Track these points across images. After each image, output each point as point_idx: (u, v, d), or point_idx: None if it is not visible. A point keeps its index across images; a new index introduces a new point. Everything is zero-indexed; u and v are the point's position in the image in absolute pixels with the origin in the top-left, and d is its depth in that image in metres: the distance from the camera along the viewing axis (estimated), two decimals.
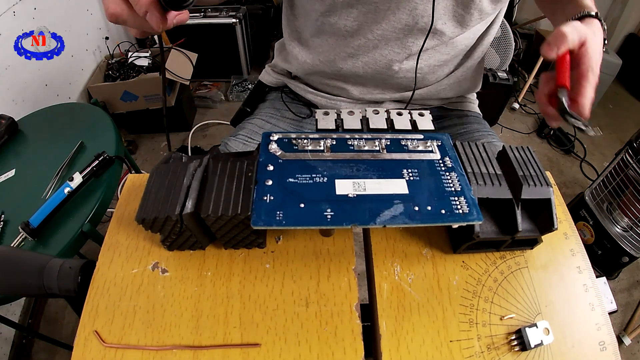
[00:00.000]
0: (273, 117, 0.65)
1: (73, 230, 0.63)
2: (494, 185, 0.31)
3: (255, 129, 0.64)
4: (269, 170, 0.30)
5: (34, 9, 1.15)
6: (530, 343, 0.29)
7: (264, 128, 0.64)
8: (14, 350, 1.00)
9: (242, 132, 0.64)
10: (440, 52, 0.54)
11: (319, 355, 0.28)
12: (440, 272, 0.33)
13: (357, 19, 0.51)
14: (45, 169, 0.75)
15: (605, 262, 1.15)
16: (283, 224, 0.27)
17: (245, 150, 0.61)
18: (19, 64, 1.08)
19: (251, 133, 0.63)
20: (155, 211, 0.29)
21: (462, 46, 0.55)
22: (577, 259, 0.35)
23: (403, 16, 0.49)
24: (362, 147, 0.33)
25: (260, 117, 0.66)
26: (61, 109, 0.94)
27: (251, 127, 0.64)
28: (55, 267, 0.30)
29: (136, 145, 1.59)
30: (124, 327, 0.30)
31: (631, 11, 1.81)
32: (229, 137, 0.64)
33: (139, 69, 1.44)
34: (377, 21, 0.50)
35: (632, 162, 1.01)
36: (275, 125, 0.64)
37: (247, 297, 0.31)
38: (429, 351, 0.29)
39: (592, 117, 1.79)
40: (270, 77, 0.70)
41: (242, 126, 0.66)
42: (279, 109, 0.67)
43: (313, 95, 0.64)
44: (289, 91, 0.69)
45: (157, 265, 0.33)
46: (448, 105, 0.66)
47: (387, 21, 0.50)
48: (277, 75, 0.69)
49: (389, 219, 0.27)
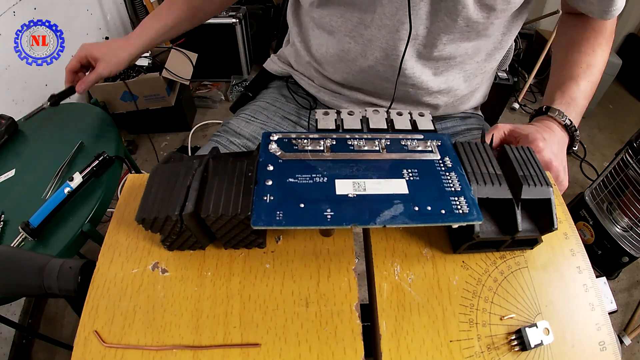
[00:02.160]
0: (277, 101, 0.65)
1: (73, 230, 0.63)
2: (494, 185, 0.31)
3: (259, 110, 0.63)
4: (269, 170, 0.30)
5: (34, 9, 1.16)
6: (530, 343, 0.29)
7: (267, 110, 0.63)
8: (14, 350, 1.01)
9: (246, 112, 0.63)
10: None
11: (319, 355, 0.28)
12: (440, 272, 0.33)
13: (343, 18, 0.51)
14: (45, 169, 0.75)
15: (605, 262, 1.15)
16: (283, 224, 0.27)
17: (248, 127, 0.61)
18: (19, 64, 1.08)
19: (255, 113, 0.63)
20: (155, 211, 0.29)
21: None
22: (577, 259, 0.35)
23: (388, 22, 0.48)
24: (362, 147, 0.33)
25: (265, 100, 0.65)
26: (61, 109, 0.93)
27: (255, 107, 0.64)
28: (55, 267, 0.30)
29: (136, 145, 1.59)
30: (124, 327, 0.30)
31: (631, 11, 1.81)
32: (230, 118, 0.64)
33: (139, 69, 1.44)
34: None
35: (632, 162, 1.01)
36: (279, 109, 0.64)
37: (247, 297, 0.31)
38: (429, 351, 0.29)
39: (592, 117, 1.79)
40: (275, 66, 0.69)
41: (245, 107, 0.66)
42: (283, 94, 0.67)
43: (316, 90, 0.64)
44: (293, 82, 0.68)
45: (157, 265, 0.33)
46: None
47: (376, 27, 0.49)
48: (283, 65, 0.68)
49: (389, 219, 0.27)
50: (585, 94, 0.50)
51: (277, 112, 0.63)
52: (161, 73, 1.41)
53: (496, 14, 0.47)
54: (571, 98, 0.49)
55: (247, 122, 0.61)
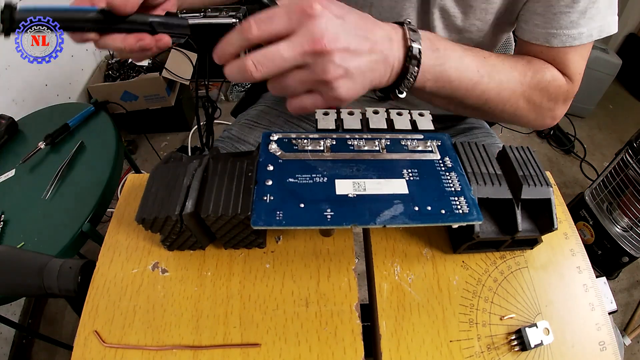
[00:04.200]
0: (279, 104, 0.64)
1: (73, 230, 0.63)
2: (494, 185, 0.31)
3: (261, 114, 0.63)
4: (269, 170, 0.30)
5: None
6: (530, 343, 0.29)
7: (270, 114, 0.63)
8: (14, 350, 1.01)
9: (248, 117, 0.63)
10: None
11: (319, 355, 0.28)
12: (440, 272, 0.33)
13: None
14: (46, 169, 0.75)
15: (605, 262, 1.15)
16: (283, 224, 0.27)
17: (252, 133, 0.60)
18: (19, 64, 1.08)
19: (257, 117, 0.62)
20: (155, 211, 0.29)
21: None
22: (577, 259, 0.35)
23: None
24: (362, 147, 0.33)
25: (266, 104, 0.65)
26: (61, 109, 0.94)
27: (257, 112, 0.63)
28: (55, 267, 0.30)
29: (136, 145, 1.59)
30: (124, 327, 0.30)
31: (631, 11, 1.81)
32: (233, 125, 0.63)
33: (139, 69, 1.44)
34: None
35: (632, 162, 1.01)
36: (282, 112, 0.63)
37: (247, 297, 0.31)
38: (429, 351, 0.29)
39: (592, 117, 1.79)
40: None
41: (247, 112, 0.65)
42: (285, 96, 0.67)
43: None
44: None
45: (157, 265, 0.33)
46: None
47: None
48: None
49: (389, 219, 0.27)
50: (462, 70, 0.37)
51: (280, 116, 0.63)
52: (161, 73, 1.41)
53: (475, 13, 0.44)
54: (451, 48, 0.37)
55: (250, 127, 0.61)
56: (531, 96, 0.41)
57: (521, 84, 0.40)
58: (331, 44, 0.28)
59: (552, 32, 0.40)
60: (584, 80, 0.44)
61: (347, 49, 0.29)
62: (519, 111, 0.42)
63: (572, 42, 0.40)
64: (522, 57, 0.42)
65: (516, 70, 0.40)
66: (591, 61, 1.53)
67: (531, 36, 0.42)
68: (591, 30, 0.39)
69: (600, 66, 1.58)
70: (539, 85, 0.41)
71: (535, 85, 0.41)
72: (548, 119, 0.44)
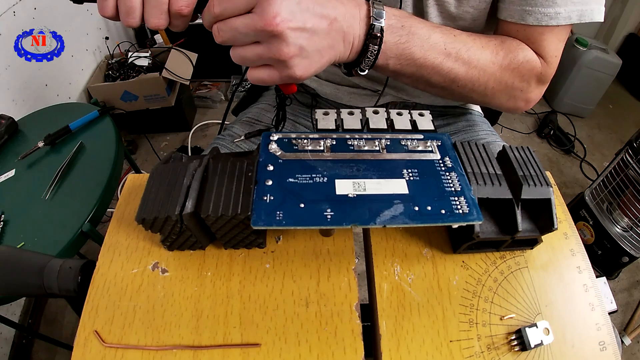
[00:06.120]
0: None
1: (73, 230, 0.63)
2: (494, 185, 0.31)
3: (262, 113, 0.63)
4: (269, 170, 0.30)
5: (34, 9, 1.16)
6: (530, 343, 0.29)
7: (270, 112, 0.63)
8: (14, 350, 1.01)
9: (248, 115, 0.63)
10: None
11: (319, 355, 0.28)
12: (440, 272, 0.33)
13: None
14: (45, 169, 0.75)
15: (605, 262, 1.15)
16: (283, 224, 0.27)
17: (252, 131, 0.60)
18: (19, 64, 1.08)
19: (258, 116, 0.63)
20: (155, 211, 0.29)
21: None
22: (577, 259, 0.35)
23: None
24: (362, 147, 0.33)
25: (267, 102, 0.65)
26: (61, 109, 0.94)
27: (258, 111, 0.64)
28: (55, 267, 0.30)
29: (136, 145, 1.59)
30: (124, 327, 0.30)
31: (631, 11, 1.81)
32: (233, 123, 0.63)
33: (139, 69, 1.44)
34: None
35: (632, 162, 1.01)
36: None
37: (247, 297, 0.31)
38: (429, 351, 0.29)
39: (592, 117, 1.79)
40: None
41: (248, 111, 0.65)
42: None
43: (318, 84, 0.63)
44: None
45: (157, 265, 0.33)
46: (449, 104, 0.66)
47: None
48: None
49: (389, 219, 0.27)
50: (427, 48, 0.36)
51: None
52: (161, 73, 1.41)
53: (468, 0, 0.43)
54: (418, 25, 0.36)
55: (251, 125, 0.61)
56: (502, 76, 0.40)
57: (492, 63, 0.39)
58: (284, 23, 0.29)
59: (527, 10, 0.39)
60: (584, 81, 0.44)
61: (301, 28, 0.30)
62: (489, 91, 0.41)
63: (548, 22, 0.39)
64: (496, 37, 0.42)
65: (488, 49, 0.39)
66: (591, 61, 1.54)
67: (507, 14, 0.41)
68: (569, 12, 0.38)
69: (600, 66, 1.58)
70: (510, 65, 0.40)
71: (507, 65, 0.40)
72: (521, 102, 0.44)
